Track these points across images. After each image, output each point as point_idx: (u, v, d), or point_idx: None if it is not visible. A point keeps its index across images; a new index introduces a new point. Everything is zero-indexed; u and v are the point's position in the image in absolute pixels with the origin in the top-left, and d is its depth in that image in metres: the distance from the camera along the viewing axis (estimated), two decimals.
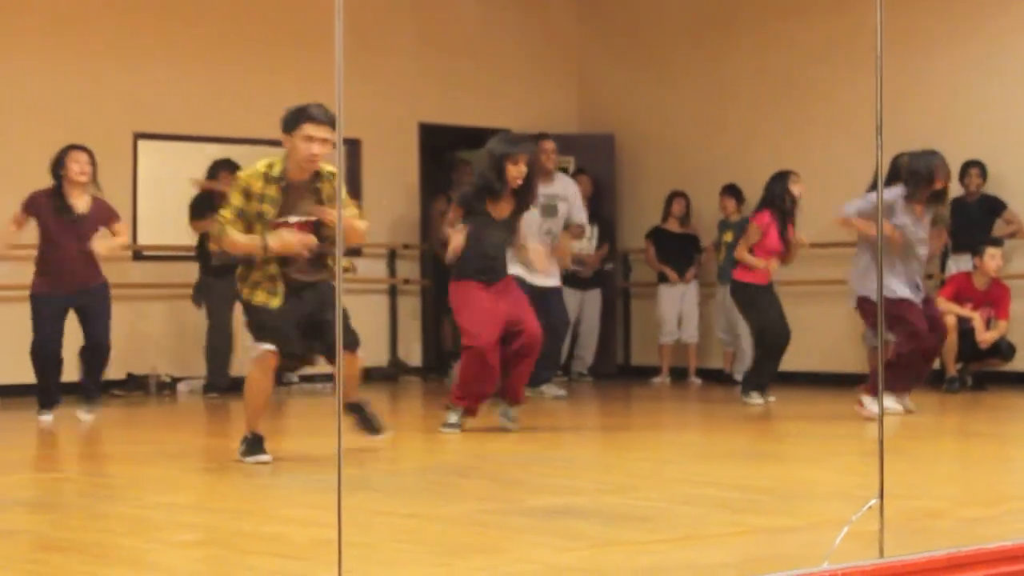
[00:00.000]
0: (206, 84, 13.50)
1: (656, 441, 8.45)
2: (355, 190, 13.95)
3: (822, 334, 13.61)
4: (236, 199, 7.21)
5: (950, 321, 11.97)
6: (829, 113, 13.66)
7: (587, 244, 14.11)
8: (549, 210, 11.61)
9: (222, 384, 12.28)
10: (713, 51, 14.74)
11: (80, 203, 10.08)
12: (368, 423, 7.67)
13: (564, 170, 14.20)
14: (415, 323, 14.88)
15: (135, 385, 12.60)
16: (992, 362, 12.37)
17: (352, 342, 7.34)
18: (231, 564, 4.73)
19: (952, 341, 12.06)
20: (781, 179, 11.22)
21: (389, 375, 14.30)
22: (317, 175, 7.29)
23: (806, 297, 13.94)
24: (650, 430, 8.61)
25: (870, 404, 9.48)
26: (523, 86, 15.11)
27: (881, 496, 4.48)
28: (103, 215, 10.18)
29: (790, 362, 13.72)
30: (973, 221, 12.74)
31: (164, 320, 12.90)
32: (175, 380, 12.88)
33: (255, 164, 7.29)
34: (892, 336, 9.69)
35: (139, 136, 13.27)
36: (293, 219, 7.20)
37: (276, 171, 7.22)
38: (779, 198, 11.10)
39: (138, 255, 13.30)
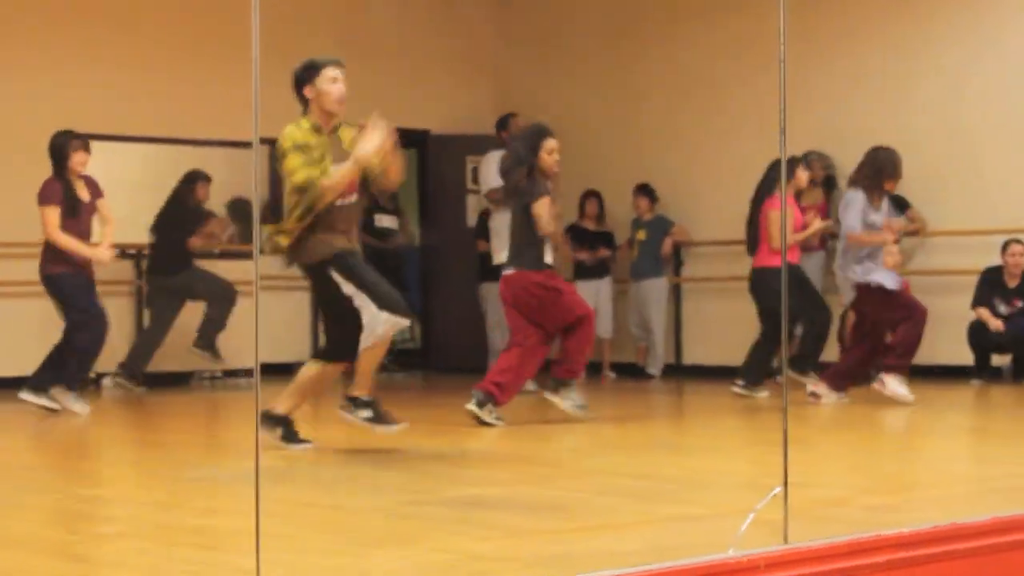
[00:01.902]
0: (136, 84, 13.51)
1: (572, 433, 8.57)
2: (277, 188, 14.02)
3: (731, 329, 13.81)
4: (297, 157, 7.21)
5: None
6: (736, 111, 13.86)
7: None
8: None
9: (136, 374, 12.37)
10: (625, 52, 14.90)
11: (83, 191, 10.26)
12: (382, 417, 7.63)
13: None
14: None
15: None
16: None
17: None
18: (154, 555, 4.77)
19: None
20: (790, 163, 11.29)
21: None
22: (334, 126, 7.44)
23: (715, 293, 14.15)
24: (566, 422, 8.73)
25: (895, 385, 9.88)
26: (440, 88, 15.19)
27: (785, 485, 4.58)
28: (95, 195, 10.36)
29: (700, 355, 13.98)
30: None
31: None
32: (100, 375, 12.88)
33: (285, 129, 7.32)
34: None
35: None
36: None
37: (309, 124, 7.34)
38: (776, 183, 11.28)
39: None
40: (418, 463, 7.32)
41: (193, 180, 13.02)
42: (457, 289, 14.62)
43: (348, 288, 7.21)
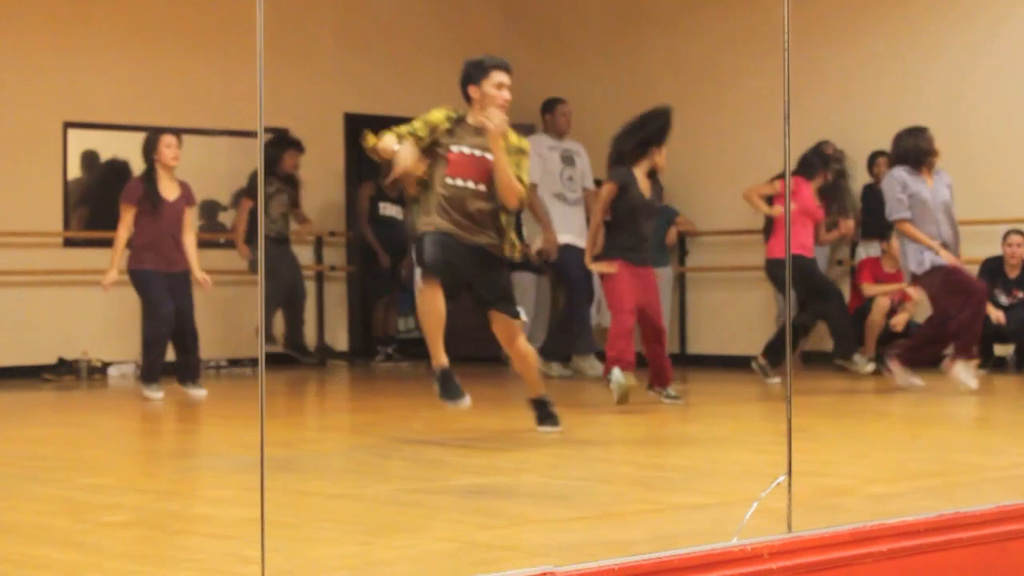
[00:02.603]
0: (135, 74, 13.53)
1: (576, 422, 8.57)
2: None
3: (735, 319, 13.84)
4: (416, 124, 7.48)
5: (882, 302, 12.24)
6: (741, 102, 13.86)
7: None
8: (568, 160, 12.71)
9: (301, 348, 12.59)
10: (630, 42, 14.89)
11: (170, 189, 10.34)
12: (549, 417, 7.79)
13: None
14: (341, 309, 14.98)
15: (66, 369, 12.63)
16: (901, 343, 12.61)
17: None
18: (160, 544, 4.80)
19: (878, 322, 12.33)
20: (816, 156, 11.51)
21: (316, 360, 14.41)
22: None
23: (720, 283, 14.17)
24: (570, 411, 8.73)
25: (959, 372, 9.83)
26: (445, 76, 15.06)
27: (789, 473, 4.60)
28: (187, 200, 10.47)
29: (705, 345, 13.98)
30: (881, 208, 12.98)
31: (95, 306, 12.91)
32: (105, 365, 12.93)
33: (440, 109, 7.62)
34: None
35: (68, 125, 13.29)
36: (467, 150, 7.45)
37: (457, 115, 7.54)
38: (813, 167, 11.26)
39: (68, 242, 13.33)
40: (422, 452, 7.33)
41: (281, 147, 13.10)
42: None
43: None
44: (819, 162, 11.41)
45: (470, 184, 7.41)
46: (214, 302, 12.29)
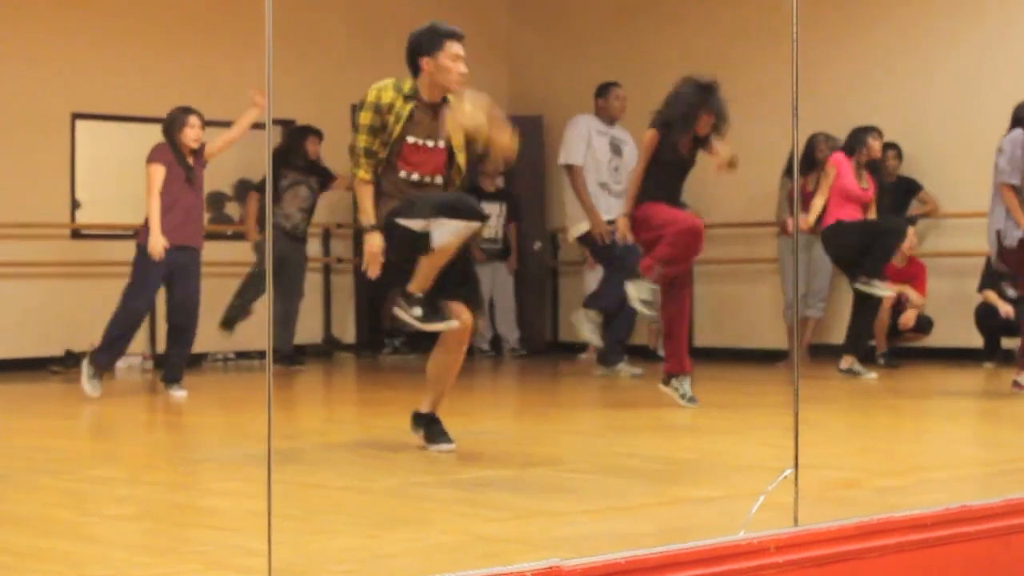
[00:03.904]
0: (143, 65, 13.54)
1: (582, 415, 8.59)
2: None
3: (744, 312, 13.84)
4: (366, 117, 6.64)
5: (885, 300, 12.24)
6: (749, 94, 13.81)
7: (495, 222, 14.38)
8: (616, 148, 12.16)
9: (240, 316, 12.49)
10: (637, 34, 14.89)
11: (192, 161, 10.20)
12: (444, 434, 6.97)
13: None
14: (349, 301, 14.99)
15: (73, 361, 12.64)
16: (911, 337, 12.62)
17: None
18: (166, 536, 4.81)
19: (884, 318, 12.33)
20: (862, 131, 11.38)
21: (323, 352, 14.43)
22: (444, 99, 6.83)
23: (728, 276, 14.17)
24: (577, 405, 8.75)
25: None
26: None
27: (796, 466, 4.61)
28: (202, 163, 10.31)
29: (713, 338, 13.99)
30: (889, 202, 13.02)
31: (102, 298, 12.93)
32: None
33: (379, 84, 6.76)
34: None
35: (77, 116, 13.31)
36: (421, 141, 6.73)
37: (407, 88, 6.73)
38: (854, 147, 11.22)
39: (76, 234, 13.35)
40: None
41: (303, 135, 13.01)
42: None
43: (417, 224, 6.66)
44: (862, 139, 11.29)
45: (426, 179, 6.77)
46: (221, 294, 12.29)
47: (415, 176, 6.70)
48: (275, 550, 3.72)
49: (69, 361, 12.65)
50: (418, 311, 6.74)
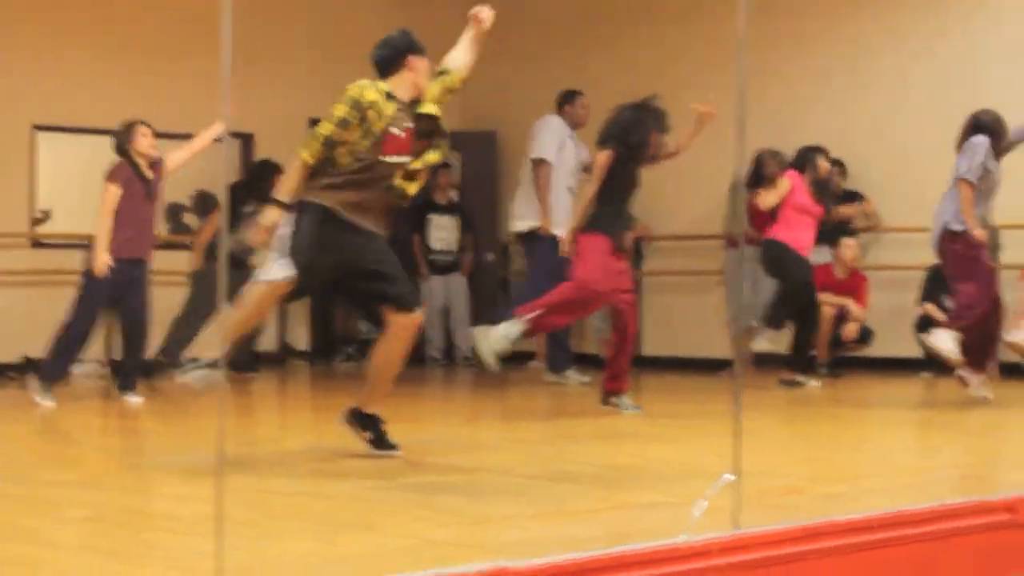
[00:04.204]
0: (103, 77, 13.57)
1: (531, 422, 8.68)
2: None
3: (690, 322, 13.98)
4: (342, 110, 6.71)
5: (826, 311, 12.39)
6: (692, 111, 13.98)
7: (447, 234, 14.46)
8: (580, 155, 12.04)
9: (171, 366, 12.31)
10: (584, 52, 15.03)
11: (149, 173, 10.14)
12: (380, 440, 7.00)
13: (446, 164, 14.62)
14: (303, 309, 15.04)
15: (31, 368, 12.62)
16: (852, 347, 12.77)
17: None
18: (121, 539, 4.84)
19: (827, 329, 12.48)
20: (810, 151, 11.54)
21: (278, 359, 14.49)
22: (415, 101, 7.03)
23: (675, 287, 14.30)
24: (526, 412, 8.84)
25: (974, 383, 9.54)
26: None
27: (738, 472, 4.70)
28: (160, 175, 10.26)
29: (660, 348, 14.11)
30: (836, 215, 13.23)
31: (61, 306, 12.95)
32: None
33: (362, 83, 6.89)
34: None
35: (37, 128, 13.33)
36: (394, 129, 6.82)
37: (384, 88, 6.90)
38: (804, 165, 11.35)
39: (36, 243, 13.36)
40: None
41: (272, 169, 12.87)
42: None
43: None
44: (810, 157, 11.43)
45: (404, 158, 6.89)
46: (175, 304, 12.33)
47: (392, 158, 6.82)
48: (229, 554, 3.77)
49: (26, 367, 12.63)
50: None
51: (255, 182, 12.77)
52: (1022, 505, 5.26)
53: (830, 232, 12.74)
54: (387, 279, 6.83)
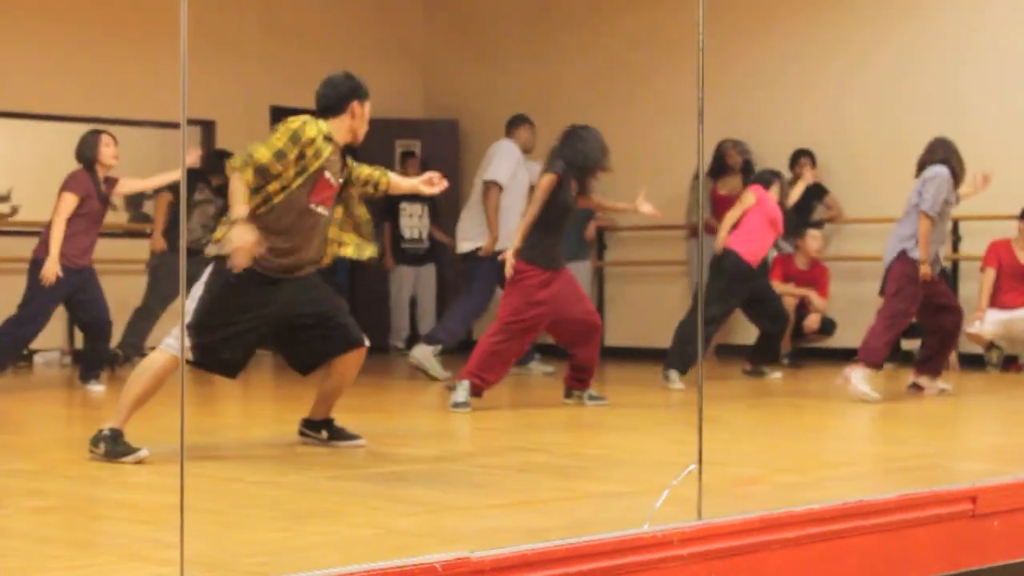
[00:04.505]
0: (59, 62, 13.50)
1: (494, 412, 8.68)
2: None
3: (653, 312, 14.01)
4: (281, 141, 6.55)
5: (787, 301, 12.42)
6: (655, 99, 14.03)
7: (419, 223, 14.43)
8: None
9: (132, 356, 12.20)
10: (546, 39, 15.05)
11: (105, 188, 10.11)
12: (339, 433, 7.00)
13: (411, 153, 14.56)
14: None
15: None
16: (813, 338, 12.82)
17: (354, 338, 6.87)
18: (82, 529, 4.85)
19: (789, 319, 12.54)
20: (769, 173, 11.40)
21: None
22: (346, 149, 6.87)
23: (638, 277, 14.34)
24: (490, 402, 8.84)
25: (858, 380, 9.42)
26: (370, 72, 15.02)
27: (700, 462, 4.71)
28: (111, 190, 10.22)
29: (622, 338, 14.14)
30: (796, 206, 13.23)
31: (19, 294, 12.90)
32: (31, 352, 12.89)
33: (304, 118, 6.69)
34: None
35: None
36: (328, 174, 6.64)
37: (325, 130, 6.69)
38: (769, 182, 11.19)
39: None
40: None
41: (221, 159, 12.77)
42: (377, 269, 14.70)
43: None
44: (773, 175, 11.34)
45: (326, 212, 6.71)
46: (137, 294, 12.29)
47: (320, 208, 6.64)
48: (190, 543, 3.76)
49: None
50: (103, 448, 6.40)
51: (206, 172, 12.74)
52: (983, 495, 5.29)
53: (794, 223, 12.79)
54: (325, 326, 6.78)
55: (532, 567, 4.02)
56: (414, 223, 14.60)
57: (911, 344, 12.18)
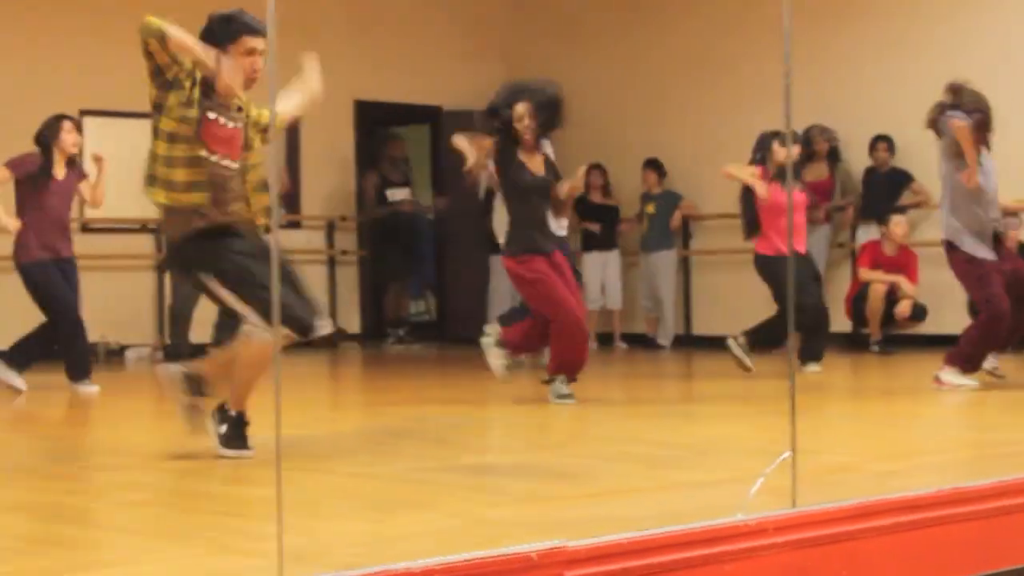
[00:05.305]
0: (137, 60, 13.60)
1: (584, 402, 8.67)
2: (294, 164, 14.19)
3: (738, 301, 13.92)
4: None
5: (877, 288, 12.31)
6: (742, 85, 13.94)
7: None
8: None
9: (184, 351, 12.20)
10: (633, 26, 15.00)
11: (62, 172, 9.93)
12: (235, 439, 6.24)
13: None
14: (354, 293, 15.10)
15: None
16: (904, 324, 12.69)
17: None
18: (175, 521, 4.89)
19: (876, 308, 12.42)
20: (766, 138, 10.83)
21: (329, 342, 14.54)
22: (238, 106, 6.27)
23: (723, 265, 14.25)
24: (579, 392, 8.82)
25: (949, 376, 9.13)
26: (452, 64, 15.30)
27: (794, 450, 4.69)
28: (78, 175, 10.08)
29: (710, 327, 14.07)
30: (881, 192, 13.14)
31: (112, 290, 13.01)
32: (123, 348, 13.05)
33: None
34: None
35: (85, 112, 13.37)
36: (222, 119, 6.15)
37: (199, 75, 6.14)
38: (764, 157, 10.69)
39: (85, 228, 13.42)
40: (433, 431, 7.44)
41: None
42: (470, 261, 14.73)
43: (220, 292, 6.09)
44: (755, 151, 10.82)
45: (229, 163, 6.18)
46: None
47: (217, 158, 6.12)
48: (283, 534, 3.79)
49: None
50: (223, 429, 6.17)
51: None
52: None
53: (880, 209, 12.69)
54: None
55: (628, 556, 4.01)
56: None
57: None
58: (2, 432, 8.38)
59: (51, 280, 9.84)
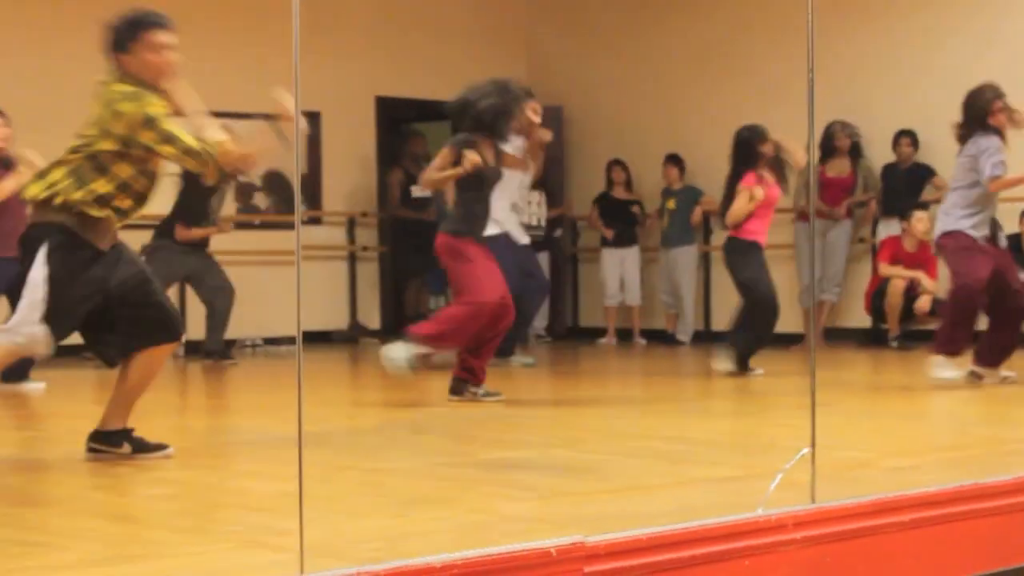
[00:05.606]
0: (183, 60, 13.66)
1: (603, 398, 8.69)
2: (315, 161, 14.21)
3: None
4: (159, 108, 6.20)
5: (897, 283, 12.30)
6: (761, 81, 13.94)
7: (537, 210, 14.39)
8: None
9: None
10: (654, 23, 15.00)
11: None
12: (143, 445, 6.21)
13: None
14: (374, 289, 15.14)
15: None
16: (923, 320, 12.68)
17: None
18: (200, 515, 4.93)
19: (896, 303, 12.41)
20: (746, 139, 10.69)
21: (349, 338, 14.59)
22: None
23: None
24: (598, 388, 8.85)
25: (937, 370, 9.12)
26: (475, 60, 15.28)
27: (813, 446, 4.70)
28: (6, 167, 9.65)
29: (728, 322, 14.07)
30: (903, 187, 13.12)
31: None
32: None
33: (127, 89, 6.12)
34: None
35: None
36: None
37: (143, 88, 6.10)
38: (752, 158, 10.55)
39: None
40: (454, 427, 7.47)
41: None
42: None
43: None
44: (751, 146, 10.63)
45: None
46: (250, 282, 12.43)
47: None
48: (305, 529, 3.82)
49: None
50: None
51: None
52: None
53: (900, 205, 12.68)
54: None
55: (646, 552, 4.02)
56: (532, 210, 14.53)
57: None
58: (27, 427, 8.42)
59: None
